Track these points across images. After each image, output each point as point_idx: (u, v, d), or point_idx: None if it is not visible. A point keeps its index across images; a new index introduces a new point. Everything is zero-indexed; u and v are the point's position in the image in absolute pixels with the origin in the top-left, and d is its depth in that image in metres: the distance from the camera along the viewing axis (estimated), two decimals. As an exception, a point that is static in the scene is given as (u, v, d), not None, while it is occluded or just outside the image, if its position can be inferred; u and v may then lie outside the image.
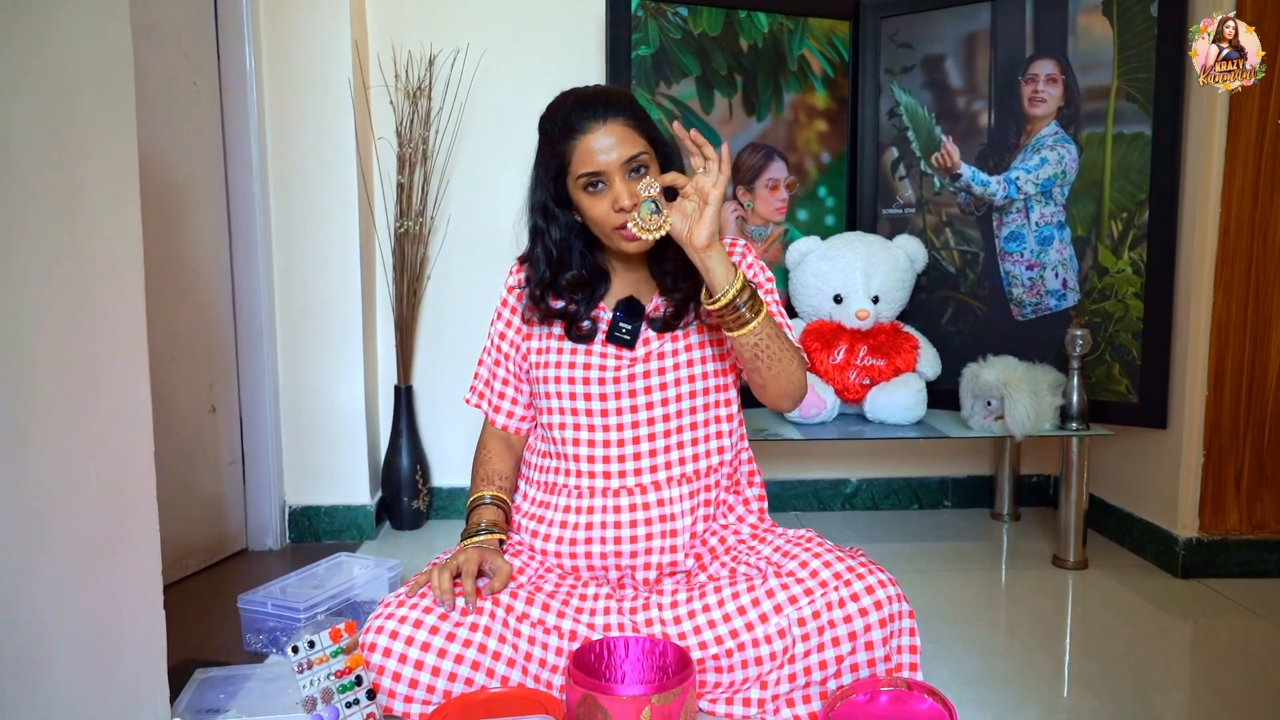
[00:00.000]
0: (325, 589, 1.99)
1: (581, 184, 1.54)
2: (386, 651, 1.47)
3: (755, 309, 1.50)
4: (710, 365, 1.65)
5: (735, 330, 1.50)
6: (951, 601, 2.24)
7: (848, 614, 1.50)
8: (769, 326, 1.52)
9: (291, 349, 2.66)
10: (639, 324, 1.64)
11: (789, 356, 1.56)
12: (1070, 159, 2.53)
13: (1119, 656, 1.95)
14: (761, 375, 1.56)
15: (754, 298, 1.50)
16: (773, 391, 1.59)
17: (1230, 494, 2.35)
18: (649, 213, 1.44)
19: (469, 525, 1.66)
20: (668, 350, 1.63)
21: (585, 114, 1.52)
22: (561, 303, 1.65)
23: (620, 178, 1.52)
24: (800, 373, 1.59)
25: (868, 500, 3.04)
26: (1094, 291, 2.52)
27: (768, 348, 1.52)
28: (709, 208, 1.44)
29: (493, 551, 1.59)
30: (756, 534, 1.71)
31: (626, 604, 1.60)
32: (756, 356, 1.53)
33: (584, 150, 1.52)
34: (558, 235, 1.62)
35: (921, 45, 2.70)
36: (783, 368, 1.55)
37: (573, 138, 1.53)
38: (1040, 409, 2.36)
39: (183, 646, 1.96)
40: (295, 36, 2.56)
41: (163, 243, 2.29)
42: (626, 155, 1.52)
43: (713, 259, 1.46)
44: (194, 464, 2.43)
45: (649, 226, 1.45)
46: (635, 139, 1.53)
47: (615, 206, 1.52)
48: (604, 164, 1.51)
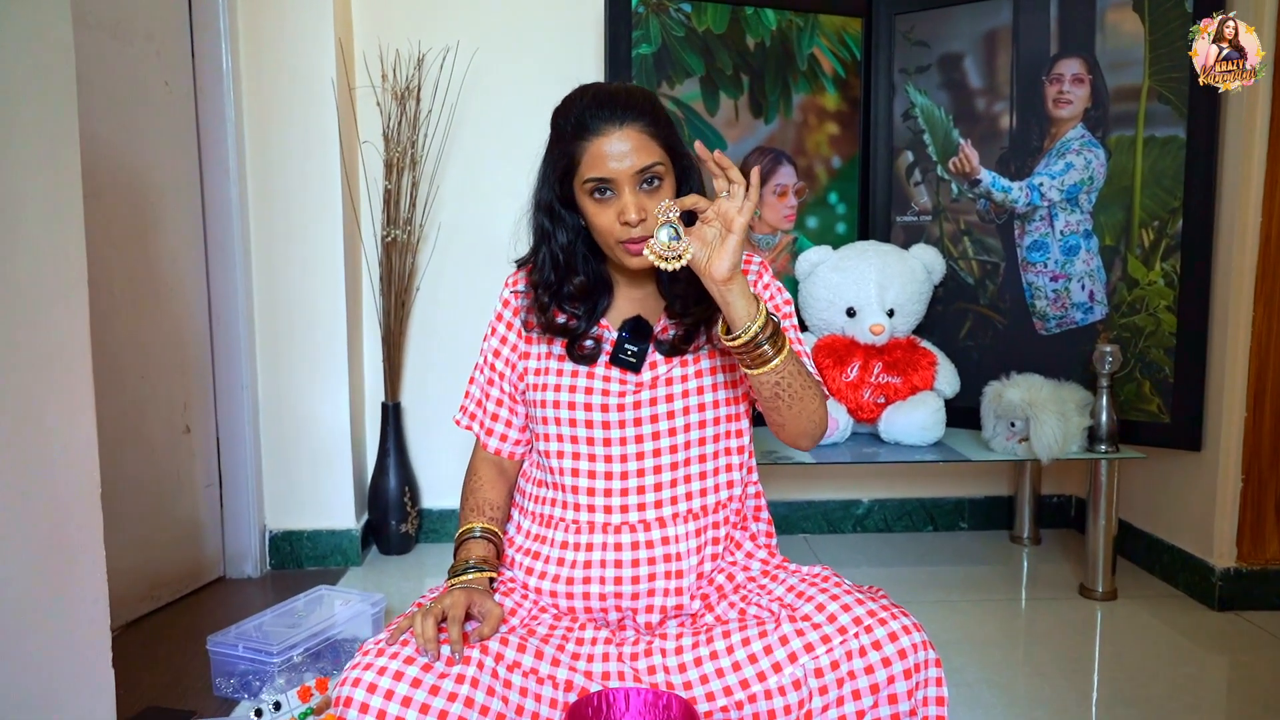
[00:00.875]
0: (303, 628, 1.86)
1: (589, 189, 1.44)
2: (364, 708, 1.34)
3: (778, 345, 1.39)
4: (722, 393, 1.54)
5: (755, 369, 1.40)
6: (973, 637, 2.12)
7: (869, 664, 1.38)
8: (791, 363, 1.42)
9: (272, 365, 2.53)
10: (646, 346, 1.53)
11: (810, 394, 1.45)
12: (1098, 164, 2.40)
13: (1154, 698, 1.85)
14: (781, 414, 1.46)
15: (776, 333, 1.39)
16: (791, 431, 1.48)
17: (1271, 521, 2.23)
18: (668, 238, 1.32)
19: (456, 562, 1.54)
20: (676, 376, 1.53)
21: (601, 114, 1.42)
22: (564, 317, 1.54)
23: (631, 188, 1.42)
24: (821, 410, 1.50)
25: (880, 522, 2.91)
26: (1123, 305, 2.39)
27: (789, 386, 1.42)
28: (732, 236, 1.33)
29: (482, 593, 1.47)
30: (767, 570, 1.59)
31: (627, 649, 1.50)
32: (777, 396, 1.42)
33: (595, 153, 1.42)
34: (564, 239, 1.52)
35: (938, 43, 2.57)
36: (804, 406, 1.45)
37: (585, 138, 1.42)
38: (1068, 431, 2.23)
39: (148, 691, 1.84)
40: (275, 34, 2.43)
41: (132, 254, 2.17)
42: (640, 165, 1.41)
43: (733, 294, 1.35)
44: (167, 488, 2.30)
45: (666, 255, 1.32)
46: (652, 148, 1.43)
47: (621, 219, 1.41)
48: (614, 171, 1.41)
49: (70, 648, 1.21)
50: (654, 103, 1.47)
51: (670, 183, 1.45)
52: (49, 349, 1.15)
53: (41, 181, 1.13)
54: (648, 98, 1.48)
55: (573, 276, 1.52)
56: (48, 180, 1.15)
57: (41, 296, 1.14)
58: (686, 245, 1.33)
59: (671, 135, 1.47)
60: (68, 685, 1.21)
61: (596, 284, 1.54)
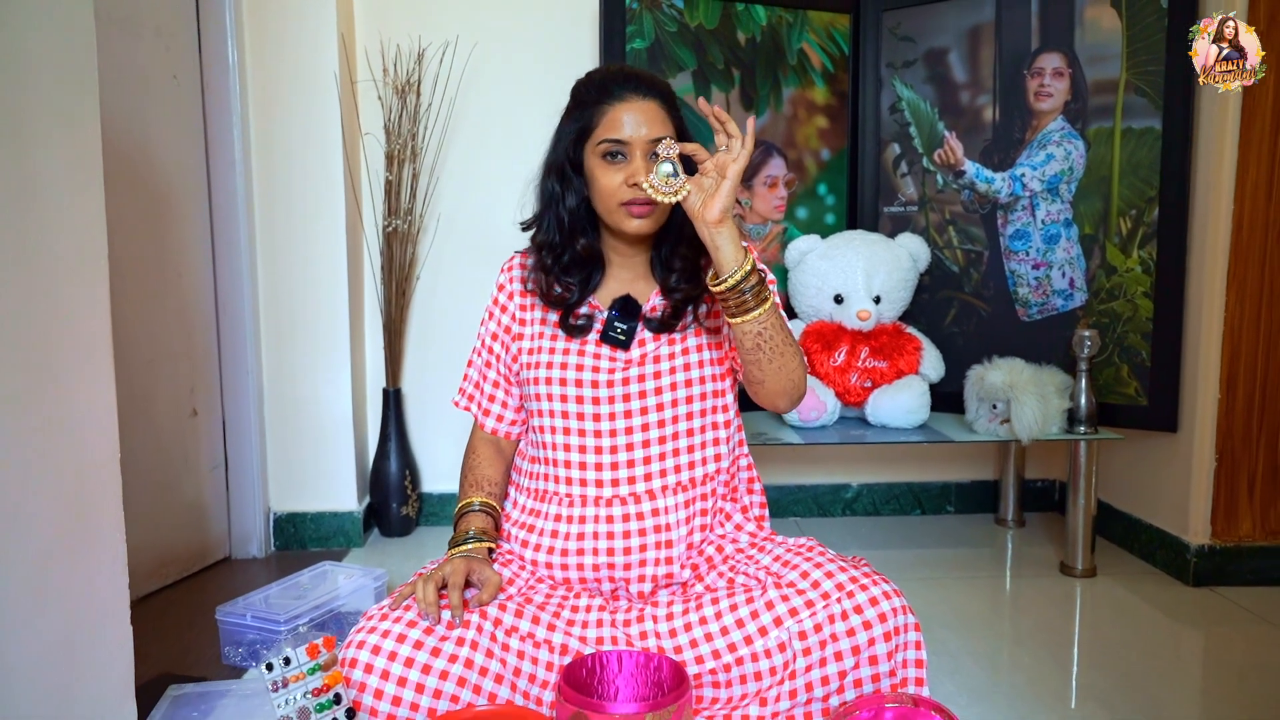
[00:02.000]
0: (308, 600, 1.92)
1: (601, 150, 1.49)
2: (368, 668, 1.39)
3: (761, 297, 1.44)
4: (708, 369, 1.59)
5: (739, 316, 1.44)
6: (957, 611, 2.18)
7: (851, 627, 1.43)
8: (774, 316, 1.46)
9: (276, 351, 2.59)
10: (635, 324, 1.58)
11: (791, 351, 1.50)
12: (1077, 155, 2.46)
13: (1129, 668, 1.90)
14: (761, 368, 1.50)
15: (761, 285, 1.44)
16: (771, 387, 1.52)
17: (1243, 500, 2.29)
18: (667, 174, 1.38)
19: (456, 533, 1.60)
20: (664, 353, 1.57)
21: (626, 84, 1.50)
22: (560, 288, 1.59)
23: (642, 155, 1.48)
24: (800, 370, 1.54)
25: (869, 506, 2.97)
26: (1102, 291, 2.46)
27: (771, 338, 1.47)
28: (726, 182, 1.38)
29: (481, 561, 1.52)
30: (755, 543, 1.65)
31: (620, 616, 1.54)
32: (759, 346, 1.47)
33: (614, 117, 1.48)
34: (572, 203, 1.56)
35: (924, 39, 2.64)
36: (784, 361, 1.49)
37: (606, 101, 1.49)
38: (1047, 412, 2.29)
39: (159, 660, 1.89)
40: (280, 29, 2.49)
41: (142, 242, 2.22)
42: (654, 134, 1.47)
43: (723, 237, 1.40)
44: (174, 469, 2.36)
45: (664, 189, 1.38)
46: (666, 124, 1.50)
47: (629, 180, 1.47)
48: (630, 136, 1.47)
49: (91, 606, 1.26)
50: (671, 90, 1.55)
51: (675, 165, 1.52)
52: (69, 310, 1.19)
53: (65, 160, 1.19)
54: (667, 84, 1.56)
55: (576, 240, 1.56)
56: (71, 160, 1.20)
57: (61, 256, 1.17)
58: (683, 183, 1.38)
59: (681, 123, 1.53)
60: (91, 644, 1.26)
61: (592, 255, 1.59)
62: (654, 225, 1.50)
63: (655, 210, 1.48)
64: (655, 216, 1.50)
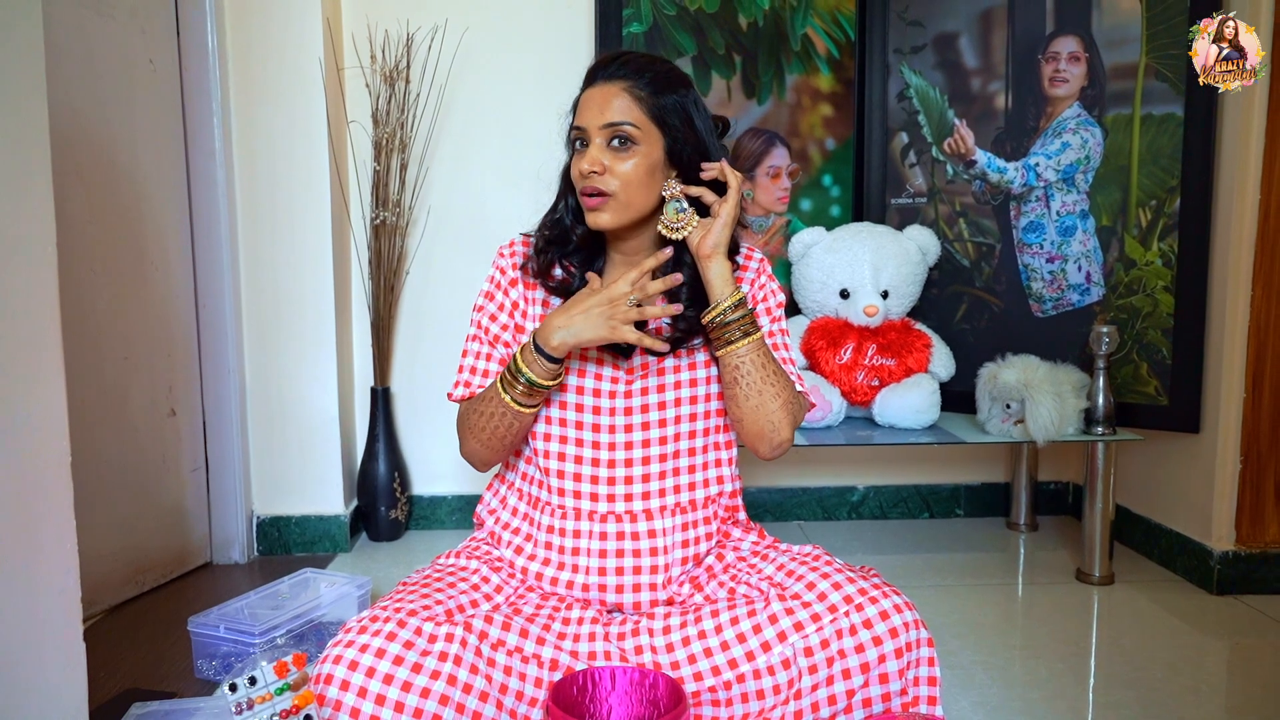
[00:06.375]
0: (286, 609, 1.83)
1: (572, 138, 1.48)
2: (344, 685, 1.31)
3: (745, 333, 1.45)
4: (715, 387, 1.55)
5: (719, 348, 1.46)
6: (969, 620, 2.09)
7: (859, 643, 1.37)
8: (757, 354, 1.45)
9: (259, 348, 2.50)
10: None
11: (771, 394, 1.47)
12: (1094, 143, 2.37)
13: (1151, 681, 1.82)
14: (739, 405, 1.48)
15: (749, 322, 1.45)
16: (749, 427, 1.49)
17: (1270, 504, 2.20)
18: (674, 213, 1.46)
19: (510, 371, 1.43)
20: (669, 366, 1.53)
21: (601, 69, 1.47)
22: (560, 272, 1.55)
23: (597, 142, 1.44)
24: (781, 418, 1.49)
25: (875, 509, 2.88)
26: (1120, 285, 2.37)
27: (749, 374, 1.45)
28: (714, 220, 1.44)
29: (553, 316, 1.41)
30: (758, 550, 1.58)
31: (614, 629, 1.49)
32: (735, 381, 1.46)
33: (581, 102, 1.47)
34: (574, 201, 1.54)
35: (933, 23, 2.55)
36: (761, 402, 1.47)
37: (584, 87, 1.48)
38: (1064, 412, 2.20)
39: (129, 674, 1.81)
40: (262, 12, 2.40)
41: (115, 233, 2.14)
42: (607, 120, 1.43)
43: (713, 271, 1.44)
44: (151, 472, 2.27)
45: (672, 226, 1.46)
46: (631, 109, 1.43)
47: (578, 169, 1.45)
48: (584, 121, 1.45)
49: (37, 625, 1.18)
50: (656, 73, 1.46)
51: (649, 150, 1.44)
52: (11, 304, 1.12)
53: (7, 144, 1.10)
54: (652, 64, 1.48)
55: (575, 227, 1.54)
56: (13, 143, 1.12)
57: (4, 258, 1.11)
58: (689, 222, 1.46)
59: (666, 106, 1.45)
60: (34, 664, 1.18)
61: (590, 243, 1.55)
62: (614, 222, 1.44)
63: (608, 203, 1.43)
64: (613, 213, 1.44)
